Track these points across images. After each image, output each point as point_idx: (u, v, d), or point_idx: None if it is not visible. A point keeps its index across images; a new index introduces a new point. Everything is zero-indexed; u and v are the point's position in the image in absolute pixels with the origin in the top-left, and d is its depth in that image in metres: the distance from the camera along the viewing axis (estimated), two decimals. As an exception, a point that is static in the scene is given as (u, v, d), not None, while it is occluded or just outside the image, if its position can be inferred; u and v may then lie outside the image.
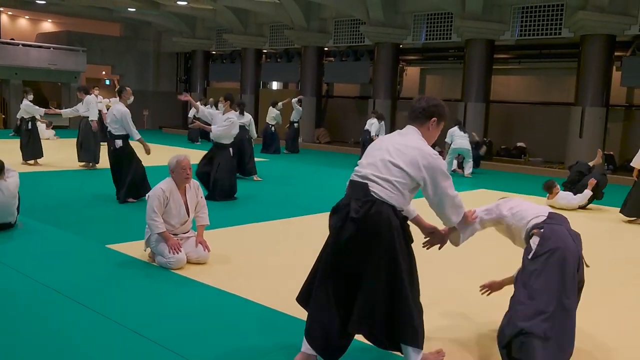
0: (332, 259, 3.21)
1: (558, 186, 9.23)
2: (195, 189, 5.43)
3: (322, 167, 14.18)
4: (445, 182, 3.23)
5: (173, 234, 5.22)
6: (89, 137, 11.55)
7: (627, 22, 13.61)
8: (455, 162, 13.90)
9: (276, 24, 21.01)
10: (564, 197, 9.11)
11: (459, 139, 13.31)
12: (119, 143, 8.05)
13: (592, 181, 9.05)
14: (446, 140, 13.16)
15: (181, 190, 5.31)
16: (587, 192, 9.02)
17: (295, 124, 17.46)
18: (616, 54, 14.39)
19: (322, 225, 7.26)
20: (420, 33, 17.35)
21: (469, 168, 13.56)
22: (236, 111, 9.41)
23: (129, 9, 21.94)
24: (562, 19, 14.64)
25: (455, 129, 13.39)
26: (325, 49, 20.38)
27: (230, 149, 8.81)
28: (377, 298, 3.11)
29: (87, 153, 11.59)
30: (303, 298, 3.49)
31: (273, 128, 16.52)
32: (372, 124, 14.73)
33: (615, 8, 13.54)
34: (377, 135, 14.62)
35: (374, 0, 16.80)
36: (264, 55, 22.61)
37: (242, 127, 10.61)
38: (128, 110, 8.11)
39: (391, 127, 17.95)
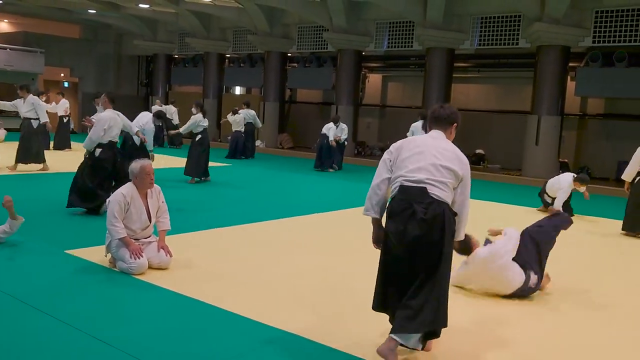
0: (401, 257, 3.54)
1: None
2: (157, 194, 5.43)
3: (283, 172, 14.21)
4: (469, 187, 3.66)
5: (134, 239, 5.19)
6: (31, 138, 11.15)
7: (581, 34, 14.08)
8: None
9: (239, 29, 20.99)
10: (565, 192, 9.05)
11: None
12: (97, 151, 7.67)
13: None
14: (407, 134, 12.34)
15: (142, 195, 5.29)
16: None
17: (246, 127, 17.13)
18: (570, 64, 14.86)
19: (282, 230, 7.34)
20: (382, 41, 17.59)
21: None
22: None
23: (89, 11, 21.61)
24: (520, 30, 15.06)
25: (419, 124, 12.31)
26: (289, 54, 20.45)
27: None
28: (444, 286, 3.55)
29: (27, 154, 11.10)
30: (380, 303, 3.72)
31: (243, 134, 16.51)
32: (330, 128, 14.92)
33: (570, 20, 14.00)
34: (335, 139, 14.89)
35: (336, 7, 16.97)
36: (227, 60, 22.55)
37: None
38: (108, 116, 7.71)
39: (354, 132, 18.16)
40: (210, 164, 11.53)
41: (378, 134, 20.26)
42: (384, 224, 3.66)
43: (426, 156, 3.56)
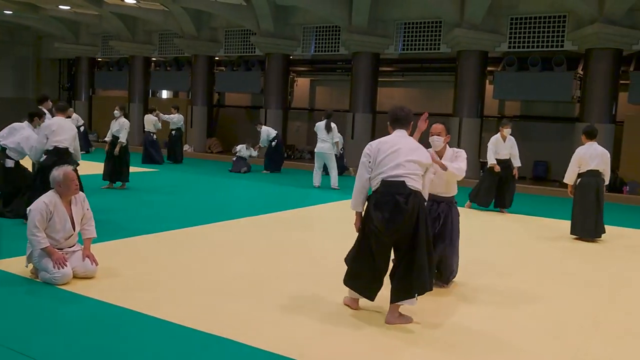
0: (384, 240, 4.37)
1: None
2: (82, 201, 5.33)
3: (211, 176, 14.14)
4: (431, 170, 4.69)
5: (58, 249, 5.08)
6: None
7: (498, 40, 14.76)
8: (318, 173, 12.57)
9: (165, 32, 20.67)
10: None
11: (320, 142, 12.29)
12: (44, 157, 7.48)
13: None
14: (315, 130, 12.48)
15: (66, 203, 5.18)
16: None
17: (173, 132, 16.78)
18: (489, 68, 15.54)
19: (209, 234, 7.34)
20: (309, 45, 17.79)
21: (333, 178, 12.37)
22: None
23: (5, 12, 20.68)
24: (441, 35, 15.61)
25: (322, 123, 12.20)
26: (216, 58, 20.33)
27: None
28: (424, 261, 4.32)
29: None
30: (356, 278, 4.57)
31: (154, 136, 16.14)
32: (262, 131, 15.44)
33: (487, 26, 14.65)
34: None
35: (263, 11, 17.03)
36: (152, 64, 22.14)
37: None
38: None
39: (283, 136, 18.26)
40: (138, 169, 11.36)
41: (307, 138, 20.42)
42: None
43: (400, 154, 4.36)
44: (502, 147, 10.34)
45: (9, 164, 7.81)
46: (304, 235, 7.63)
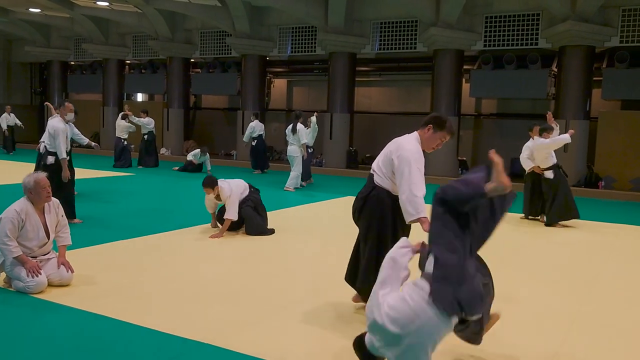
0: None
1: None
2: (55, 208, 5.19)
3: (186, 180, 14.00)
4: (404, 174, 4.14)
5: (32, 257, 4.94)
6: None
7: (473, 39, 14.86)
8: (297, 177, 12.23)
9: (139, 34, 20.45)
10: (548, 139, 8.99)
11: (289, 144, 12.22)
12: (50, 159, 7.75)
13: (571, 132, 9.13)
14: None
15: (39, 210, 5.04)
16: (567, 136, 8.82)
17: (145, 136, 16.43)
18: (465, 67, 15.64)
19: (184, 239, 7.23)
20: (286, 46, 17.73)
21: (290, 179, 12.09)
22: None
23: (-26, 15, 20.31)
24: (417, 35, 15.67)
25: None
26: (192, 60, 20.16)
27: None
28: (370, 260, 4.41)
29: None
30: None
31: (125, 142, 15.89)
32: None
33: (463, 25, 14.74)
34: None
35: (238, 12, 16.92)
36: (127, 66, 21.88)
37: None
38: (63, 127, 7.77)
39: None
40: (113, 173, 11.18)
41: (285, 139, 20.34)
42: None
43: (382, 152, 4.46)
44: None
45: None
46: (279, 237, 7.56)
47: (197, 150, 15.63)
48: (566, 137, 8.79)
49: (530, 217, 9.44)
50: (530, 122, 10.53)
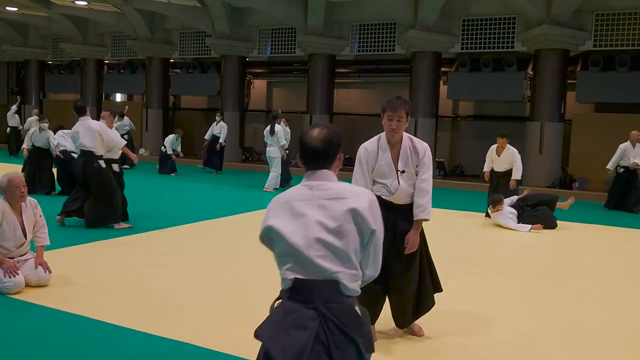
0: None
1: (504, 203, 8.94)
2: (33, 208, 5.19)
3: (166, 180, 13.98)
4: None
5: (9, 257, 4.95)
6: None
7: (451, 41, 15.03)
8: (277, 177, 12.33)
9: (118, 34, 20.32)
10: (504, 218, 8.83)
11: (267, 145, 12.27)
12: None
13: (539, 227, 8.81)
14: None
15: (16, 210, 5.04)
16: (525, 228, 8.73)
17: (125, 136, 16.35)
18: (442, 69, 15.82)
19: (162, 240, 7.24)
20: (265, 47, 17.76)
21: (269, 180, 12.19)
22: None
23: (-51, 14, 20.02)
24: (395, 37, 15.81)
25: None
26: (171, 60, 20.09)
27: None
28: None
29: None
30: None
31: None
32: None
33: (440, 28, 14.91)
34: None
35: (218, 13, 16.92)
36: (105, 66, 21.73)
37: None
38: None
39: (240, 138, 18.23)
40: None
41: (264, 140, 20.37)
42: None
43: None
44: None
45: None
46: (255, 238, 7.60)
47: (171, 136, 15.54)
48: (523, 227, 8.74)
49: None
50: (508, 124, 10.68)
